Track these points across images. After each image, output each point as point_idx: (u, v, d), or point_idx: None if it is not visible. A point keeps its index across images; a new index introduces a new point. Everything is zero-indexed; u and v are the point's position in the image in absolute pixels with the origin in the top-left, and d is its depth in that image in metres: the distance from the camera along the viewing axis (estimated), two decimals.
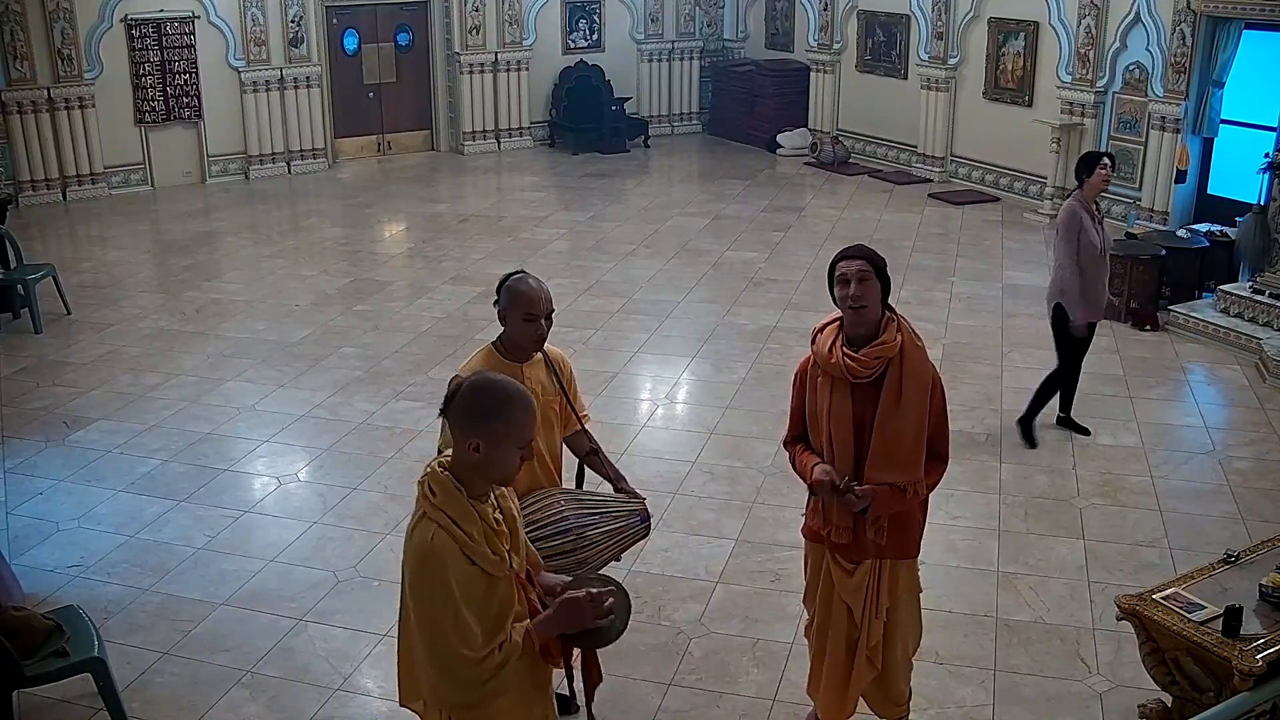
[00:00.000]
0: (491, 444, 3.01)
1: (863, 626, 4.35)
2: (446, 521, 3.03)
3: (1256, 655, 3.97)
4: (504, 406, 3.04)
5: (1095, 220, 7.25)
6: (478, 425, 3.02)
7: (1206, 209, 11.70)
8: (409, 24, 16.33)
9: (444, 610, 3.01)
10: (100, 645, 4.82)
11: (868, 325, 4.09)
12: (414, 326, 9.81)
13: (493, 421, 3.01)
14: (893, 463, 4.10)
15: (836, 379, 4.13)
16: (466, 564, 3.03)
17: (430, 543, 3.01)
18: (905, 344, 4.09)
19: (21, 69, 13.48)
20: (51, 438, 7.72)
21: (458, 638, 3.01)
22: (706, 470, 7.11)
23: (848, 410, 4.12)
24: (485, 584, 3.07)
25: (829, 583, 4.39)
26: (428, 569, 3.02)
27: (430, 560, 3.01)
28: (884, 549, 4.24)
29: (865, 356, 4.06)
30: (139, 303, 10.49)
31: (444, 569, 3.00)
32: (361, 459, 7.39)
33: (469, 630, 3.02)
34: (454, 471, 3.09)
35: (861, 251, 4.14)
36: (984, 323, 9.76)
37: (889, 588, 4.33)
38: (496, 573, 3.09)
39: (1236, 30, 11.20)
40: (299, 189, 14.95)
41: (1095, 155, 7.36)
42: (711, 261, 11.60)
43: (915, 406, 4.08)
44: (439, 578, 3.00)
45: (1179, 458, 7.43)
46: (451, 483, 3.07)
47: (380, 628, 5.62)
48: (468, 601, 3.02)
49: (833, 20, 16.24)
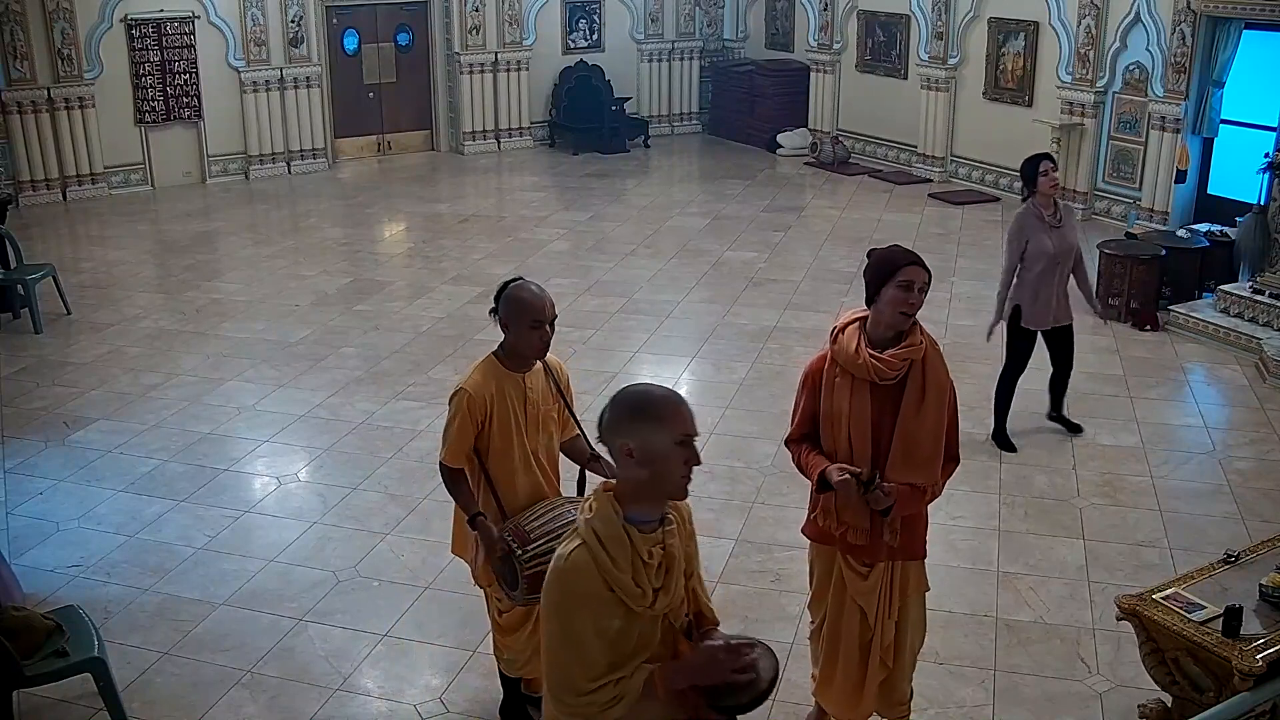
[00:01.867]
0: (645, 442, 2.88)
1: (876, 628, 4.34)
2: (593, 540, 2.90)
3: (1256, 655, 3.97)
4: (647, 401, 2.93)
5: (1051, 225, 7.11)
6: (626, 426, 2.90)
7: (1206, 209, 11.70)
8: (409, 24, 16.33)
9: (567, 629, 2.89)
10: (100, 645, 4.82)
11: (892, 329, 4.09)
12: (414, 326, 9.81)
13: (639, 417, 2.90)
14: (912, 464, 4.11)
15: (857, 380, 4.11)
16: (604, 589, 2.89)
17: (569, 557, 2.90)
18: (929, 348, 4.12)
19: (21, 69, 13.48)
20: (51, 438, 7.72)
21: (577, 664, 2.89)
22: (706, 470, 7.07)
23: (868, 411, 4.12)
24: (622, 616, 2.91)
25: (840, 586, 4.36)
26: (560, 583, 2.91)
27: (564, 574, 2.90)
28: (895, 550, 4.25)
29: (893, 358, 4.05)
30: (139, 303, 10.49)
31: (577, 587, 2.88)
32: (361, 459, 7.39)
33: (590, 657, 2.88)
34: (618, 490, 2.97)
35: (922, 262, 4.10)
36: (984, 323, 9.70)
37: (900, 588, 4.33)
38: (636, 606, 2.92)
39: (1236, 30, 11.20)
40: (299, 189, 14.95)
41: (1035, 161, 7.16)
42: (711, 261, 11.60)
43: (935, 410, 4.11)
44: (570, 595, 2.89)
45: (1179, 458, 7.43)
46: (610, 502, 2.95)
47: (380, 628, 5.62)
48: (597, 628, 2.88)
49: (833, 20, 16.24)
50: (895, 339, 4.10)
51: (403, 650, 5.48)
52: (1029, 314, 7.24)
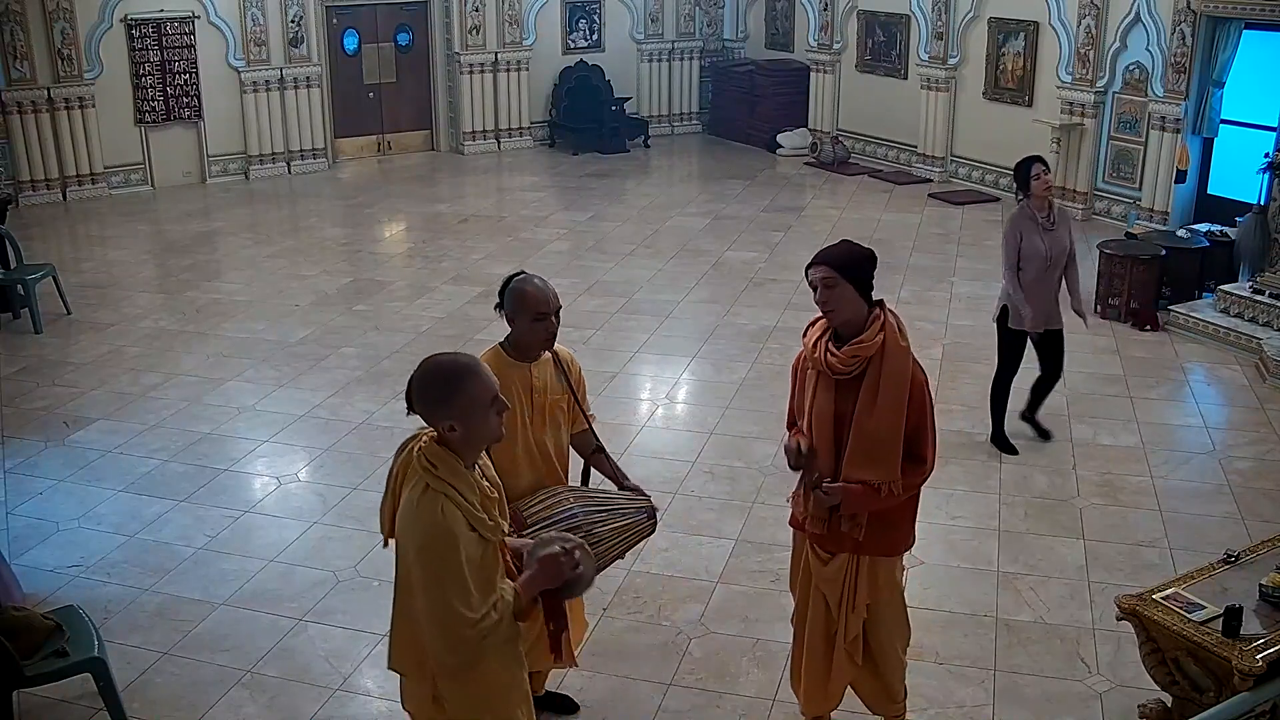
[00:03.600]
0: (465, 418, 3.15)
1: (839, 620, 4.37)
2: (453, 493, 3.15)
3: (1256, 655, 3.97)
4: (456, 381, 3.16)
5: (1044, 228, 7.08)
6: (443, 409, 3.15)
7: (1206, 209, 11.70)
8: (409, 24, 16.33)
9: (452, 576, 3.12)
10: (100, 645, 4.82)
11: (848, 325, 4.12)
12: (414, 326, 9.81)
13: (453, 399, 3.14)
14: (869, 461, 4.12)
15: (822, 374, 4.19)
16: (468, 530, 3.16)
17: (441, 515, 3.12)
18: (887, 342, 4.09)
19: (21, 69, 13.48)
20: (51, 438, 7.72)
21: (460, 600, 3.13)
22: (706, 470, 7.10)
23: (830, 406, 4.18)
24: (481, 548, 3.20)
25: (808, 572, 4.44)
26: (440, 539, 3.12)
27: (442, 531, 3.12)
28: (863, 545, 4.26)
29: (844, 354, 4.10)
30: (139, 303, 10.49)
31: (454, 538, 3.12)
32: (361, 459, 7.39)
33: (469, 593, 3.14)
34: (448, 446, 3.20)
35: (826, 255, 4.14)
36: (984, 323, 9.71)
37: (868, 583, 4.32)
38: (492, 537, 3.24)
39: (1236, 30, 11.21)
40: (299, 189, 14.95)
41: (1028, 163, 7.11)
42: (711, 261, 11.60)
43: (892, 407, 4.09)
44: (450, 545, 3.12)
45: (1179, 458, 7.43)
46: (449, 455, 3.19)
47: (380, 628, 5.61)
48: (469, 566, 3.14)
49: (833, 20, 16.24)
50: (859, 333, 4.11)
51: None
52: (1018, 316, 7.20)
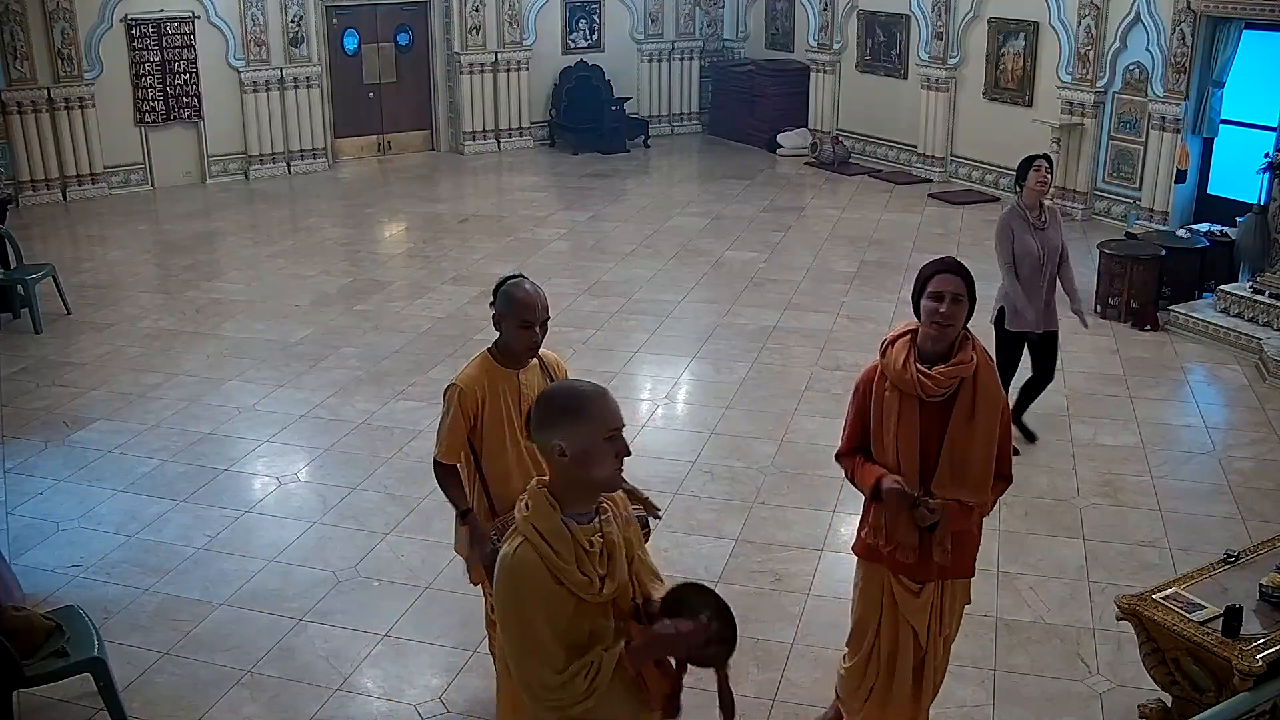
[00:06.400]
0: (576, 440, 2.91)
1: (929, 647, 4.28)
2: (535, 536, 2.94)
3: (1256, 655, 3.97)
4: (579, 398, 2.96)
5: (1036, 227, 7.06)
6: (555, 427, 2.93)
7: (1206, 209, 11.70)
8: (409, 24, 16.33)
9: (525, 626, 2.92)
10: (100, 645, 4.82)
11: (946, 343, 4.00)
12: (414, 326, 9.81)
13: (568, 416, 2.93)
14: (961, 482, 4.01)
15: (906, 394, 4.02)
16: (552, 582, 2.92)
17: (513, 556, 2.93)
18: (980, 363, 4.00)
19: (21, 69, 13.48)
20: (51, 438, 7.72)
21: (538, 658, 2.92)
22: (706, 470, 7.08)
23: (916, 427, 4.02)
24: (573, 607, 2.96)
25: (892, 605, 4.26)
26: (509, 582, 2.94)
27: (512, 573, 2.93)
28: (945, 569, 4.16)
29: (941, 375, 3.96)
30: (139, 303, 10.49)
31: (525, 584, 2.91)
32: (361, 459, 7.39)
33: (549, 650, 2.92)
34: (551, 487, 3.00)
35: (959, 269, 4.03)
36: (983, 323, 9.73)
37: (959, 605, 4.30)
38: (585, 596, 2.97)
39: (1236, 30, 11.21)
40: (299, 189, 14.95)
41: (1031, 158, 7.14)
42: (711, 261, 11.60)
43: (986, 427, 4.00)
44: (520, 592, 2.92)
45: (1179, 458, 7.43)
46: (546, 497, 2.98)
47: (380, 628, 5.62)
48: (550, 622, 2.92)
49: (833, 20, 16.24)
50: (947, 353, 3.99)
51: (403, 650, 5.48)
52: (1016, 317, 7.19)
